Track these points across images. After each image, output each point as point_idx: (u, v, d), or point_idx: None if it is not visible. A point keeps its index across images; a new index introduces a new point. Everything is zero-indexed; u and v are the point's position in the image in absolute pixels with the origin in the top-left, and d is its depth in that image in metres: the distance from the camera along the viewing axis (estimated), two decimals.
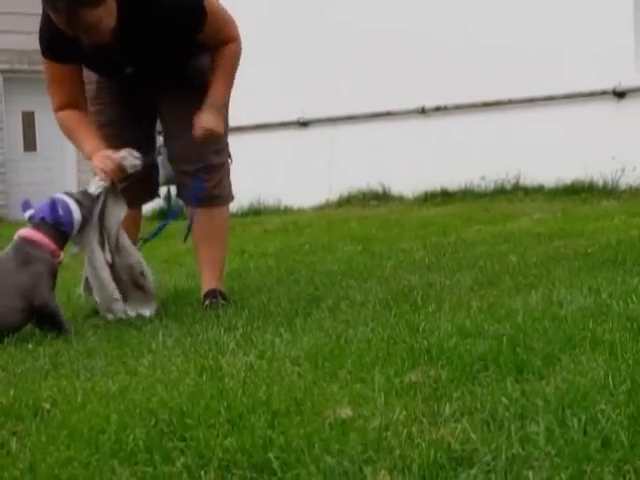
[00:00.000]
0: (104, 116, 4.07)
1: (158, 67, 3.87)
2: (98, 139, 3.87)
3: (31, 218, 3.62)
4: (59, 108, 3.92)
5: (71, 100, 3.89)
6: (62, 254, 3.62)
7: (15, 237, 3.58)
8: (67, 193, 3.74)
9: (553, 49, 8.65)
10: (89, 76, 4.03)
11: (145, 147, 3.93)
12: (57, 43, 3.70)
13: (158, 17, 3.67)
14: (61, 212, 3.61)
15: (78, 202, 3.68)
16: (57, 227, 3.60)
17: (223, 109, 3.93)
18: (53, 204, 3.60)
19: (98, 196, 3.74)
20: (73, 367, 2.80)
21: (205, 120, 3.86)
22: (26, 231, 3.59)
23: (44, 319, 3.49)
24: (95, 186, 3.74)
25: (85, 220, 3.70)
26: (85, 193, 3.73)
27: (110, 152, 3.78)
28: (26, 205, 3.66)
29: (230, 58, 3.90)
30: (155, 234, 4.17)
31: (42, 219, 3.59)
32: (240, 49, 3.94)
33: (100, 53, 3.71)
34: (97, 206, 3.75)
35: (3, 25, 11.26)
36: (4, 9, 10.78)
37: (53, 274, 3.56)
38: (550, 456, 1.71)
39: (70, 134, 3.93)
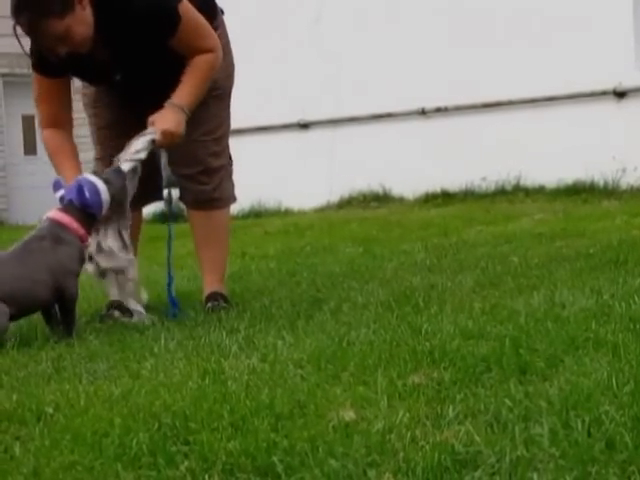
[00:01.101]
0: (102, 119, 4.07)
1: (146, 72, 3.84)
2: (76, 169, 3.84)
3: (61, 199, 3.62)
4: (45, 126, 3.92)
5: (57, 118, 3.89)
6: (90, 239, 3.64)
7: (44, 219, 3.59)
8: (95, 173, 3.73)
9: (553, 49, 8.65)
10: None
11: None
12: (44, 57, 3.69)
13: (132, 20, 3.64)
14: (87, 194, 3.56)
15: (106, 181, 3.64)
16: (85, 210, 3.59)
17: (185, 110, 3.74)
18: (79, 187, 3.57)
19: (134, 170, 3.72)
20: (76, 371, 2.80)
21: (162, 120, 3.70)
22: (55, 213, 3.58)
23: (62, 305, 3.50)
24: (128, 164, 3.71)
25: (114, 199, 3.67)
26: (117, 171, 3.70)
27: None
28: (57, 185, 3.66)
29: (202, 65, 3.76)
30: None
31: (70, 202, 3.58)
32: (216, 61, 3.80)
33: (85, 63, 3.70)
34: (132, 181, 3.73)
35: (3, 29, 11.25)
36: (3, 12, 10.77)
37: (81, 259, 3.60)
38: (554, 458, 1.71)
39: (51, 157, 3.92)
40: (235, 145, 4.35)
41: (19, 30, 3.53)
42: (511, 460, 1.72)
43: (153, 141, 3.72)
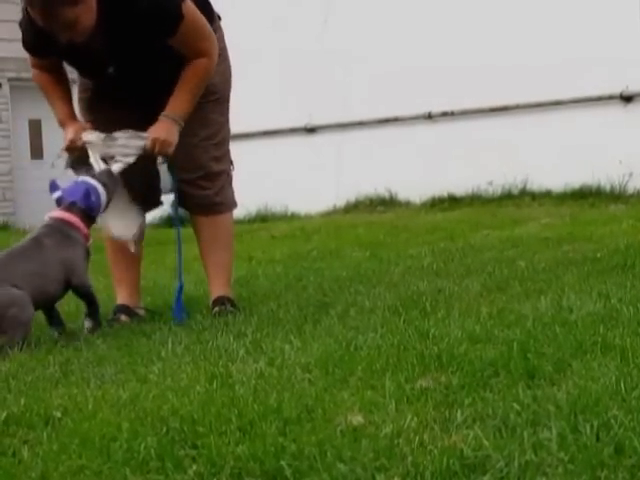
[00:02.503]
0: (101, 125, 4.04)
1: (140, 68, 3.85)
2: (69, 107, 3.94)
3: (59, 200, 3.71)
4: (34, 66, 3.97)
5: (46, 66, 3.93)
6: (91, 239, 3.75)
7: (48, 218, 3.67)
8: (94, 176, 3.79)
9: (560, 54, 8.65)
10: (86, 83, 4.04)
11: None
12: (37, 39, 3.72)
13: (134, 16, 3.65)
14: (94, 198, 3.70)
15: (104, 185, 3.76)
16: (88, 212, 3.70)
17: (178, 120, 3.80)
18: (87, 191, 3.68)
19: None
20: (83, 375, 2.80)
21: (154, 129, 3.79)
22: (60, 213, 3.67)
23: (82, 298, 3.68)
24: (119, 165, 3.83)
25: (109, 202, 3.80)
26: (110, 173, 3.81)
27: (80, 129, 3.86)
28: (54, 186, 3.75)
29: (197, 72, 3.80)
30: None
31: (73, 203, 3.68)
32: (212, 64, 3.84)
33: (81, 52, 3.71)
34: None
35: (10, 33, 11.30)
36: (10, 17, 10.80)
37: (87, 257, 3.70)
38: (563, 462, 1.70)
39: (44, 92, 3.99)
40: (242, 149, 4.36)
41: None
42: (520, 464, 1.71)
43: (143, 147, 3.81)
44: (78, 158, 3.90)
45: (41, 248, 3.55)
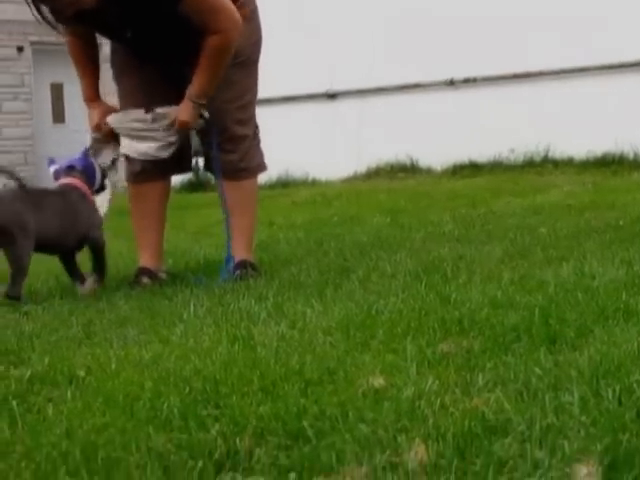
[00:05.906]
0: (129, 85, 4.06)
1: (157, 33, 3.82)
2: (95, 86, 4.05)
3: (57, 172, 3.89)
4: (66, 33, 4.01)
5: (79, 32, 3.98)
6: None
7: (57, 185, 3.85)
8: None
9: (583, 20, 8.57)
10: (115, 44, 4.04)
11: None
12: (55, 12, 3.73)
13: None
14: (92, 160, 3.95)
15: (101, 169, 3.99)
16: (86, 175, 3.88)
17: (194, 99, 3.84)
18: (85, 154, 3.92)
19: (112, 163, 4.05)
20: (106, 336, 2.82)
21: (178, 112, 3.88)
22: (68, 179, 3.84)
23: (94, 252, 3.85)
24: (106, 159, 4.01)
25: (102, 185, 3.98)
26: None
27: (104, 112, 4.00)
28: (51, 161, 3.97)
29: (211, 50, 3.76)
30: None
31: (71, 167, 3.88)
32: (226, 43, 3.77)
33: (95, 17, 3.70)
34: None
35: None
36: None
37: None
38: (585, 426, 1.70)
39: (74, 64, 4.07)
40: (263, 115, 4.34)
41: None
42: (541, 427, 1.71)
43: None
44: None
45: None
